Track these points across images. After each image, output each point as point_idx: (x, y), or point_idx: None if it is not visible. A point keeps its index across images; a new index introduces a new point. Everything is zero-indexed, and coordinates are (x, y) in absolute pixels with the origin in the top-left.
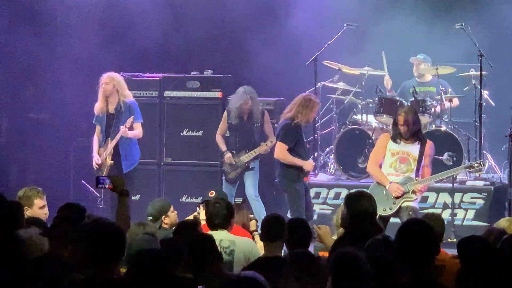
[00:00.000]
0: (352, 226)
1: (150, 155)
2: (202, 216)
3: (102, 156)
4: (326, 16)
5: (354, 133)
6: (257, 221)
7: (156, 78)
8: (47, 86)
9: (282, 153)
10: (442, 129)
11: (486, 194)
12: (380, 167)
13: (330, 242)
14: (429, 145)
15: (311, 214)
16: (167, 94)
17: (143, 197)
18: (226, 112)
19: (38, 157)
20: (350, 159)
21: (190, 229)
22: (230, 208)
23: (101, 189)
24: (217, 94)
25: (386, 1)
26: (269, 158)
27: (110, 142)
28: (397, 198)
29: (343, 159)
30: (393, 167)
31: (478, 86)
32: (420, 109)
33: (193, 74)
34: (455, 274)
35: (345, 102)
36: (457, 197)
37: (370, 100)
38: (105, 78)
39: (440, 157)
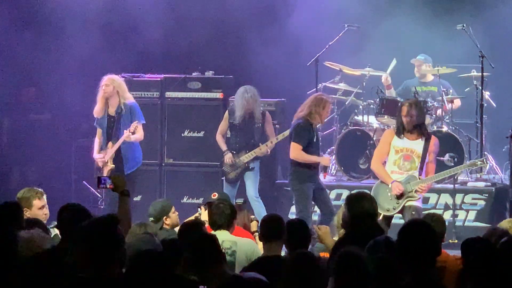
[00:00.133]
0: (353, 227)
1: (151, 156)
2: (203, 217)
3: (104, 159)
4: (327, 17)
5: (355, 134)
6: (258, 221)
7: (157, 79)
8: (49, 87)
9: (297, 153)
10: (444, 130)
11: (487, 195)
12: (384, 164)
13: (330, 243)
14: (433, 141)
15: (331, 210)
16: (168, 94)
17: (144, 198)
18: (227, 112)
19: (39, 158)
20: (351, 160)
21: (195, 229)
22: (233, 209)
23: (102, 189)
24: (218, 95)
25: (387, 2)
26: (269, 159)
27: (112, 145)
28: (399, 197)
29: (344, 160)
30: (396, 165)
31: (480, 87)
32: None
33: (194, 75)
34: (457, 275)
35: (346, 103)
36: (458, 198)
37: (371, 101)
38: (105, 80)
39: (441, 158)
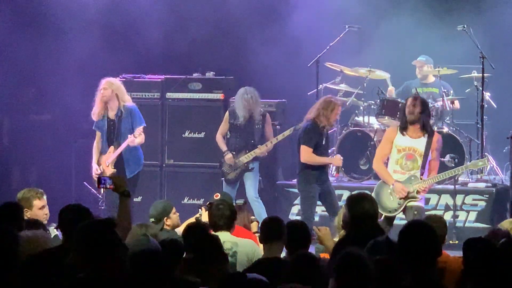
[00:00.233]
0: (353, 228)
1: (152, 157)
2: (204, 218)
3: (104, 164)
4: (328, 17)
5: (356, 135)
6: (258, 222)
7: (158, 80)
8: (49, 88)
9: (308, 155)
10: (444, 131)
11: (488, 196)
12: (387, 162)
13: (330, 244)
14: (436, 138)
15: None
16: (169, 95)
17: (145, 198)
18: (228, 112)
19: (39, 158)
20: (352, 161)
21: (199, 232)
22: (233, 210)
23: (102, 189)
24: (219, 96)
25: (388, 2)
26: (270, 159)
27: (114, 150)
28: (401, 198)
29: (345, 161)
30: (399, 164)
31: (480, 88)
32: None
33: (195, 75)
34: (457, 275)
35: (347, 104)
36: (459, 199)
37: (372, 101)
38: (103, 84)
39: (442, 159)
